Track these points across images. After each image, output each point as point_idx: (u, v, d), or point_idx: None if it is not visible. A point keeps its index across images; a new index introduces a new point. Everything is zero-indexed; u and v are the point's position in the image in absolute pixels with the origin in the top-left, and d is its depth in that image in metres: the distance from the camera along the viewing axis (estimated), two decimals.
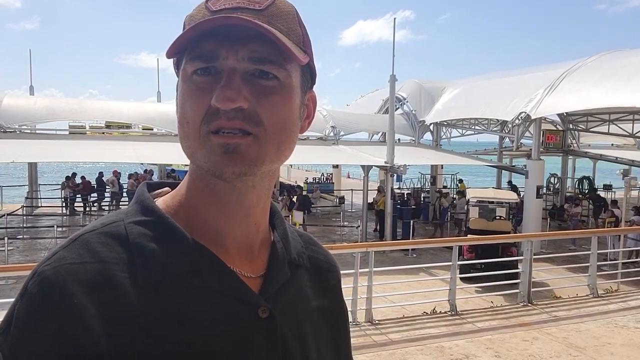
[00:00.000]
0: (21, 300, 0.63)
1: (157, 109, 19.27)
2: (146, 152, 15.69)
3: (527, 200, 15.84)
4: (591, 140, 25.25)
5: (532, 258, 8.03)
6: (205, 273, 0.67)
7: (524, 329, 6.69)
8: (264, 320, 0.69)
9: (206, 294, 0.66)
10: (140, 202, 0.72)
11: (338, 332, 0.84)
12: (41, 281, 0.63)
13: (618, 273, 9.54)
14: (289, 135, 0.69)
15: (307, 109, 0.75)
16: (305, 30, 0.71)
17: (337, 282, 0.87)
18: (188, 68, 0.66)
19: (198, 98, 0.65)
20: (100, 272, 0.63)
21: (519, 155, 23.72)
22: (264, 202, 0.74)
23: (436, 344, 6.16)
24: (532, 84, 17.00)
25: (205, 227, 0.71)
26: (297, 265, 0.79)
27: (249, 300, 0.69)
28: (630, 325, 6.73)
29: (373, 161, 16.04)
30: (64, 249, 0.66)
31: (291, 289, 0.76)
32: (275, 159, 0.68)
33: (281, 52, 0.65)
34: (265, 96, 0.65)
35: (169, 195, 0.75)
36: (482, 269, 10.12)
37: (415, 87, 22.28)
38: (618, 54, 16.72)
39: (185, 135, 0.67)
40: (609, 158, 21.60)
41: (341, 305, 0.87)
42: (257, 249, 0.75)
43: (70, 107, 17.51)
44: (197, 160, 0.67)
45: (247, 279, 0.71)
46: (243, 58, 0.64)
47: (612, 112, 17.45)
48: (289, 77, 0.67)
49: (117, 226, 0.68)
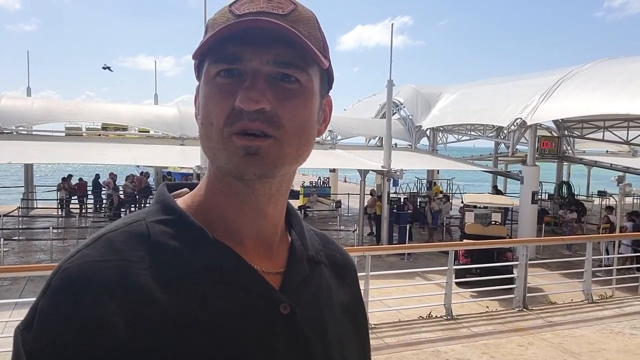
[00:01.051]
0: (44, 297, 0.64)
1: (154, 112, 19.30)
2: (143, 154, 15.69)
3: (523, 205, 15.91)
4: (586, 146, 25.41)
5: (527, 263, 8.06)
6: (226, 269, 0.68)
7: (519, 334, 6.71)
8: (285, 316, 0.70)
9: (227, 290, 0.67)
10: (161, 202, 0.74)
11: (359, 327, 0.85)
12: (64, 278, 0.64)
13: (613, 279, 9.59)
14: (307, 138, 0.71)
15: (324, 113, 0.76)
16: (324, 36, 0.73)
17: (354, 279, 0.89)
18: (211, 70, 0.68)
19: (221, 100, 0.67)
20: (122, 270, 0.64)
21: (515, 161, 23.81)
22: (282, 203, 0.76)
23: (432, 349, 6.17)
24: (528, 90, 17.11)
25: (225, 225, 0.72)
26: (315, 262, 0.80)
27: (270, 296, 0.70)
28: (626, 332, 6.77)
29: (370, 166, 16.09)
30: (87, 247, 0.67)
31: (311, 284, 0.76)
32: (293, 161, 0.70)
33: (304, 56, 0.67)
34: (287, 99, 0.67)
35: (189, 196, 0.77)
36: (477, 274, 10.15)
37: (412, 93, 22.38)
38: (613, 61, 16.86)
39: (208, 136, 0.68)
40: (603, 165, 21.75)
41: (360, 301, 0.88)
42: (275, 247, 0.76)
43: (68, 108, 17.52)
44: (218, 161, 0.69)
45: (267, 275, 0.72)
46: (268, 61, 0.66)
47: (607, 119, 17.59)
48: (310, 81, 0.69)
49: (138, 225, 0.70)
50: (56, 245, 13.85)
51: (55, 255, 13.07)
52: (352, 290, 0.87)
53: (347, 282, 0.86)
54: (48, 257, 12.83)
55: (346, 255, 0.90)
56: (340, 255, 0.88)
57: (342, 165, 17.55)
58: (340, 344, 0.77)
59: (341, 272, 0.85)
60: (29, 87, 22.85)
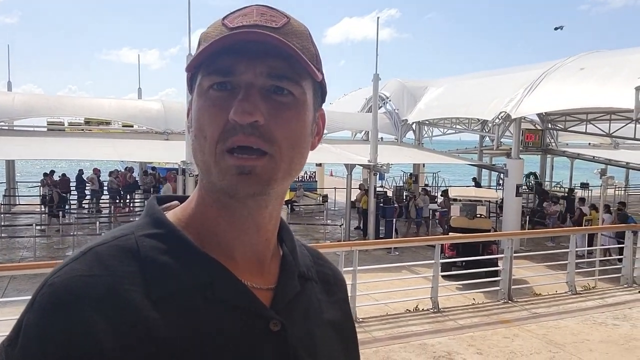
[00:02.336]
0: (30, 311, 0.62)
1: (138, 106, 19.05)
2: (127, 149, 15.50)
3: (507, 198, 16.07)
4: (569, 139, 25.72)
5: (512, 256, 8.16)
6: (217, 285, 0.67)
7: (504, 326, 6.80)
8: (275, 333, 0.69)
9: (217, 307, 0.67)
10: (151, 215, 0.73)
11: (349, 344, 0.84)
12: (50, 293, 0.62)
13: (595, 270, 9.75)
14: (300, 152, 0.70)
15: (318, 127, 0.76)
16: (317, 50, 0.73)
17: (344, 295, 0.89)
18: (205, 82, 0.67)
19: (215, 113, 0.66)
20: (110, 286, 0.63)
21: (499, 154, 24.02)
22: (275, 219, 0.75)
23: (419, 342, 6.22)
24: (512, 84, 17.24)
25: (216, 240, 0.72)
26: (306, 278, 0.79)
27: (260, 313, 0.69)
28: (608, 322, 6.89)
29: (356, 160, 16.11)
30: (75, 261, 0.66)
31: (302, 301, 0.76)
32: (287, 176, 0.69)
33: (297, 69, 0.67)
34: (280, 112, 0.66)
35: (179, 209, 0.76)
36: (462, 267, 10.25)
37: (398, 86, 22.42)
38: (596, 54, 17.05)
39: (202, 149, 0.67)
40: (586, 157, 22.04)
41: (349, 318, 0.88)
42: (267, 262, 0.76)
43: (50, 103, 17.22)
44: (211, 177, 0.68)
45: (258, 291, 0.71)
46: (261, 73, 0.66)
47: (589, 112, 17.80)
48: (304, 94, 0.69)
49: (127, 239, 0.68)
50: (39, 242, 13.67)
51: (39, 252, 12.90)
52: (342, 307, 0.86)
53: (337, 298, 0.86)
54: (32, 255, 12.67)
55: (337, 271, 0.90)
56: (330, 271, 0.88)
57: (329, 159, 17.50)
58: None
59: (331, 289, 0.85)
60: (9, 81, 22.44)
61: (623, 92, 13.06)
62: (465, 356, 5.80)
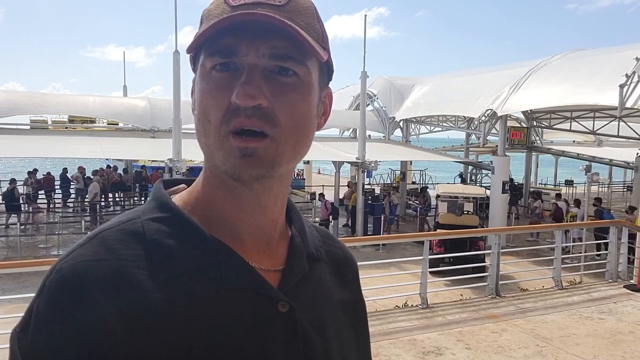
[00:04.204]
0: (39, 298, 0.64)
1: (124, 104, 18.85)
2: (113, 147, 15.34)
3: (494, 195, 16.23)
4: (554, 137, 26.05)
5: (499, 252, 8.22)
6: (223, 267, 0.67)
7: (492, 321, 6.84)
8: (283, 314, 0.69)
9: (225, 288, 0.66)
10: (157, 199, 0.72)
11: (359, 325, 0.84)
12: (59, 278, 0.63)
13: (581, 265, 9.87)
14: (305, 134, 0.69)
15: (324, 106, 0.75)
16: (323, 26, 0.71)
17: (355, 276, 0.87)
18: (207, 63, 0.66)
19: (218, 95, 0.65)
20: (117, 269, 0.63)
21: (485, 152, 24.26)
22: (281, 200, 0.74)
23: (408, 337, 6.24)
24: (498, 82, 17.39)
25: (222, 222, 0.71)
26: (315, 259, 0.79)
27: (268, 294, 0.69)
28: (594, 316, 6.98)
29: (344, 157, 16.14)
30: (82, 246, 0.66)
31: (310, 282, 0.75)
32: (291, 158, 0.68)
33: (301, 49, 0.65)
34: (284, 93, 0.65)
35: (185, 192, 0.75)
36: (450, 263, 10.32)
37: (386, 84, 22.49)
38: (580, 53, 17.26)
39: (206, 133, 0.67)
40: (570, 154, 22.34)
41: (360, 298, 0.87)
42: (275, 244, 0.75)
43: (33, 100, 16.95)
44: (215, 160, 0.67)
45: (266, 272, 0.71)
46: (264, 54, 0.64)
47: (574, 110, 18.02)
48: (309, 74, 0.67)
49: (133, 223, 0.69)
50: (24, 241, 13.48)
51: (23, 252, 12.72)
52: (353, 287, 0.86)
53: (348, 279, 0.85)
54: (16, 254, 12.48)
55: (347, 251, 0.89)
56: (341, 251, 0.87)
57: (317, 157, 17.52)
58: (339, 343, 0.76)
59: (342, 269, 0.84)
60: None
61: (607, 89, 13.25)
62: (454, 351, 5.83)
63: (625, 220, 11.30)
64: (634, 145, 19.47)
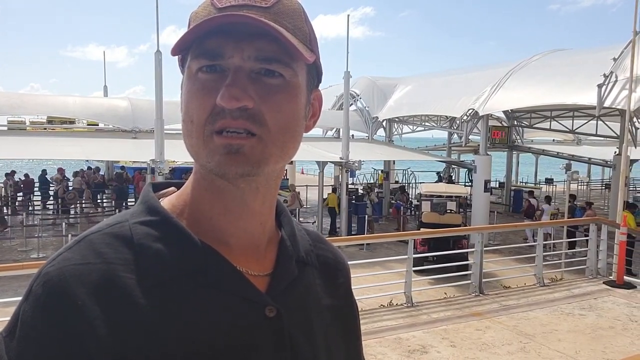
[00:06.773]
0: (26, 302, 0.63)
1: (105, 104, 18.59)
2: (93, 148, 15.10)
3: (476, 194, 16.40)
4: (534, 136, 26.41)
5: (482, 250, 8.31)
6: (211, 272, 0.67)
7: (476, 319, 6.92)
8: (271, 319, 0.68)
9: (212, 294, 0.66)
10: (145, 202, 0.72)
11: (349, 330, 0.83)
12: (45, 282, 0.62)
13: (562, 262, 10.03)
14: (292, 135, 0.68)
15: (313, 108, 0.74)
16: (311, 28, 0.70)
17: (346, 280, 0.87)
18: (193, 65, 0.65)
19: (203, 97, 0.64)
20: (104, 273, 0.63)
21: (467, 151, 24.48)
22: (269, 202, 0.73)
23: (394, 336, 6.27)
24: (479, 82, 17.59)
25: (210, 226, 0.70)
26: (305, 263, 0.78)
27: (255, 299, 0.68)
28: (575, 313, 7.10)
29: (328, 157, 16.14)
30: (69, 250, 0.66)
31: (299, 287, 0.75)
32: (279, 159, 0.68)
33: (287, 51, 0.64)
34: (270, 95, 0.65)
35: (175, 195, 0.74)
36: (434, 262, 10.39)
37: (369, 84, 22.56)
38: (559, 53, 17.55)
39: (189, 133, 0.66)
40: (550, 153, 22.68)
41: (351, 303, 0.86)
42: (263, 247, 0.74)
43: (11, 101, 16.61)
44: (200, 160, 0.67)
45: (254, 277, 0.70)
46: (249, 57, 0.63)
47: (553, 109, 18.31)
48: (295, 76, 0.67)
49: (121, 227, 0.68)
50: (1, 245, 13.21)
51: (1, 255, 12.46)
52: (343, 290, 0.85)
53: (339, 282, 0.84)
54: None
55: (339, 255, 0.88)
56: (332, 254, 0.86)
57: (300, 156, 17.46)
58: (327, 349, 0.75)
59: (332, 273, 0.84)
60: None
61: (585, 89, 13.49)
62: (439, 349, 5.88)
63: (587, 216, 11.77)
64: (612, 143, 19.85)
